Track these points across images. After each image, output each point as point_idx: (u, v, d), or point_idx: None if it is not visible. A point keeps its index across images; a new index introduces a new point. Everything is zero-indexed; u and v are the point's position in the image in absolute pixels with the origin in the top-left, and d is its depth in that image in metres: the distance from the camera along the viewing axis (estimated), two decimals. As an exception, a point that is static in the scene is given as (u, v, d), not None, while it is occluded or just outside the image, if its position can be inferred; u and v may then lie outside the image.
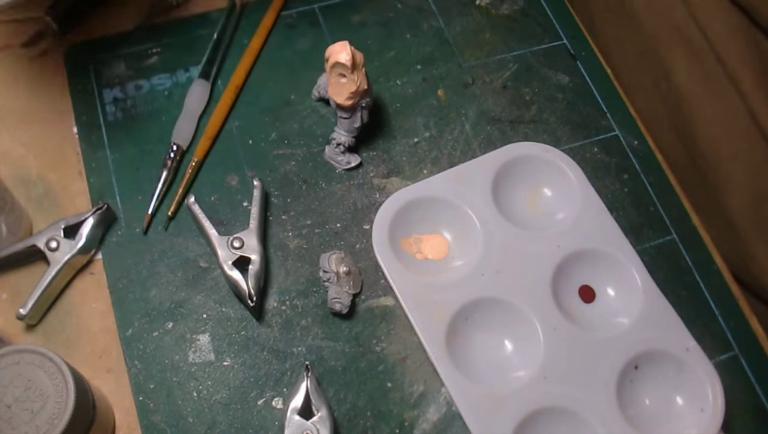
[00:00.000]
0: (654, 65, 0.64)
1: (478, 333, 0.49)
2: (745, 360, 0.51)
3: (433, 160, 0.56)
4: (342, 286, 0.49)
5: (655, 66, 0.63)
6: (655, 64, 0.63)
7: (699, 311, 0.52)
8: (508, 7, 0.65)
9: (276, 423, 0.46)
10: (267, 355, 0.48)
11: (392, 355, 0.49)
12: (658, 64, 0.63)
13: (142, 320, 0.48)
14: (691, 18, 0.60)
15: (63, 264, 0.48)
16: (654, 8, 0.63)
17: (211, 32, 0.59)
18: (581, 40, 0.64)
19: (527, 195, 0.55)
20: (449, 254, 0.52)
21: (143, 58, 0.58)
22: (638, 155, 0.58)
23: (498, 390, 0.47)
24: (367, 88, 0.51)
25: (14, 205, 0.49)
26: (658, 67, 0.63)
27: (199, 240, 0.51)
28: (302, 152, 0.55)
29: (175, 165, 0.53)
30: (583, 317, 0.50)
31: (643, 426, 0.47)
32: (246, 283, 0.47)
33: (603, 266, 0.51)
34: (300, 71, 0.59)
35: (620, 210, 0.55)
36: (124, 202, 0.52)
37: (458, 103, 0.59)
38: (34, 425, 0.37)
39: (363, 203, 0.54)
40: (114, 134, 0.54)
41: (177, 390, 0.47)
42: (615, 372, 0.48)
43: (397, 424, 0.47)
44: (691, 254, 0.55)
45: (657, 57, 0.63)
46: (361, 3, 0.63)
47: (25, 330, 0.48)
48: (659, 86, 0.64)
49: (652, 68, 0.64)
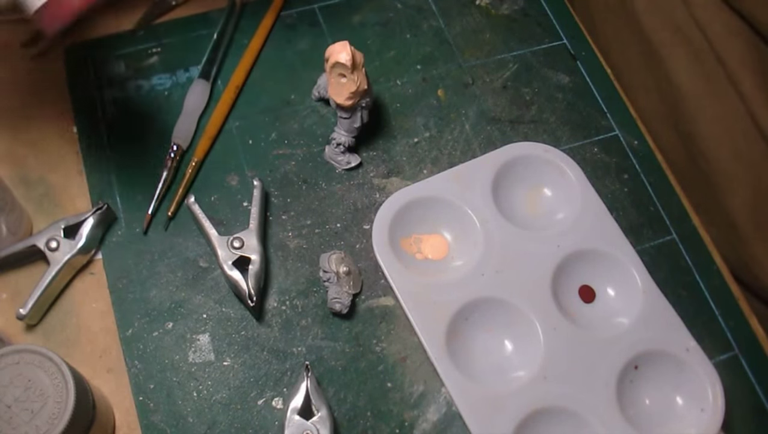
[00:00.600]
0: (654, 65, 0.64)
1: (478, 333, 0.49)
2: (745, 360, 0.51)
3: (433, 160, 0.56)
4: (342, 286, 0.49)
5: (656, 66, 0.64)
6: (656, 64, 0.63)
7: (699, 311, 0.52)
8: (508, 7, 0.65)
9: (276, 423, 0.46)
10: (267, 355, 0.48)
11: (392, 355, 0.49)
12: (658, 64, 0.63)
13: (142, 320, 0.48)
14: (691, 18, 0.60)
15: (63, 264, 0.48)
16: (654, 8, 0.63)
17: (211, 32, 0.59)
18: (581, 40, 0.64)
19: (527, 195, 0.55)
20: (449, 254, 0.52)
21: (143, 58, 0.58)
22: (638, 155, 0.58)
23: (498, 390, 0.47)
24: (367, 88, 0.51)
25: (14, 205, 0.49)
26: (659, 67, 0.63)
27: (199, 240, 0.51)
28: (302, 152, 0.55)
29: (175, 165, 0.53)
30: (583, 317, 0.50)
31: (643, 426, 0.47)
32: (246, 283, 0.47)
33: (603, 266, 0.51)
34: (300, 71, 0.59)
35: (620, 210, 0.55)
36: (124, 202, 0.52)
37: (458, 103, 0.59)
38: (34, 425, 0.37)
39: (363, 203, 0.54)
40: (114, 134, 0.54)
41: (177, 390, 0.47)
42: (615, 372, 0.48)
43: (397, 424, 0.47)
44: (691, 254, 0.55)
45: (657, 57, 0.63)
46: (361, 3, 0.63)
47: (25, 330, 0.48)
48: (660, 86, 0.64)
49: (652, 68, 0.64)
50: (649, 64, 0.64)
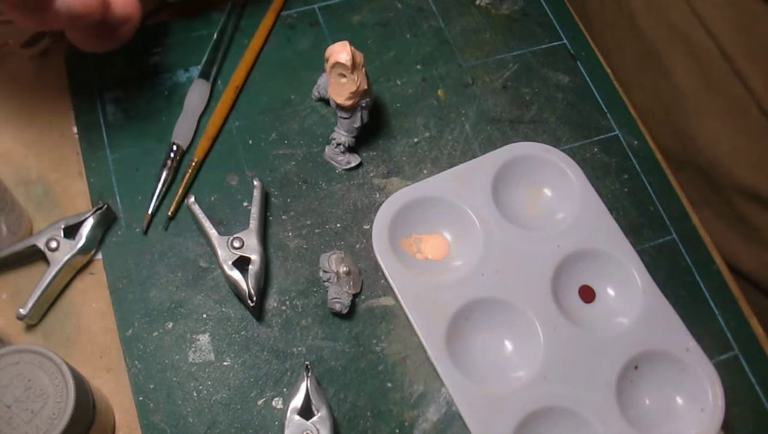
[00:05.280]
0: (652, 63, 0.64)
1: (478, 333, 0.49)
2: (745, 360, 0.51)
3: (433, 160, 0.56)
4: (342, 286, 0.49)
5: (653, 64, 0.64)
6: (653, 63, 0.64)
7: (699, 311, 0.52)
8: (508, 7, 0.65)
9: (276, 423, 0.46)
10: (267, 355, 0.48)
11: (392, 355, 0.49)
12: (656, 62, 0.63)
13: (142, 320, 0.48)
14: (692, 15, 0.60)
15: (63, 264, 0.48)
16: (651, 7, 0.64)
17: (211, 32, 0.59)
18: (581, 40, 0.64)
19: (527, 195, 0.55)
20: (449, 254, 0.52)
21: (143, 58, 0.58)
22: (638, 155, 0.58)
23: (498, 390, 0.47)
24: (367, 88, 0.51)
25: (14, 205, 0.49)
26: (656, 65, 0.63)
27: (199, 240, 0.51)
28: (302, 152, 0.55)
29: (175, 165, 0.53)
30: (583, 317, 0.50)
31: (643, 426, 0.47)
32: (246, 283, 0.47)
33: (603, 266, 0.51)
34: (300, 71, 0.59)
35: (620, 210, 0.55)
36: (124, 202, 0.52)
37: (458, 103, 0.59)
38: (34, 425, 0.37)
39: (363, 203, 0.54)
40: (114, 134, 0.54)
41: (177, 390, 0.47)
42: (615, 372, 0.48)
43: (397, 424, 0.47)
44: (691, 254, 0.55)
45: (655, 55, 0.63)
46: (361, 3, 0.63)
47: (25, 330, 0.48)
48: (657, 84, 0.64)
49: (649, 66, 0.64)
50: (647, 63, 0.64)
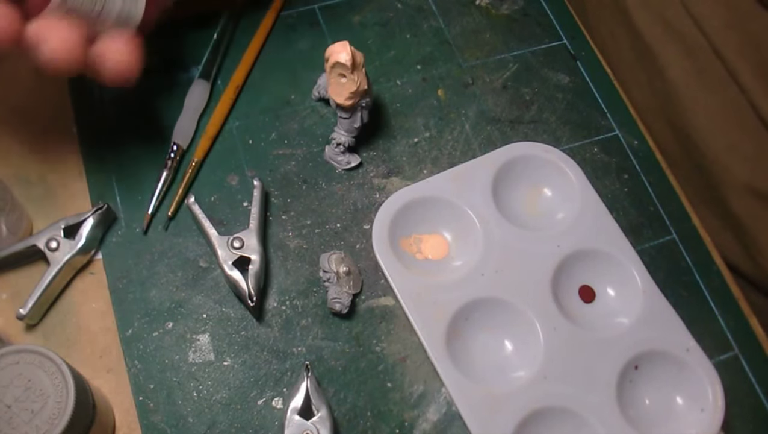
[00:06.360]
0: (647, 61, 0.64)
1: (478, 333, 0.49)
2: (745, 360, 0.51)
3: (433, 160, 0.56)
4: (342, 286, 0.49)
5: (649, 61, 0.64)
6: (649, 60, 0.64)
7: (699, 311, 0.52)
8: (508, 7, 0.65)
9: (276, 423, 0.46)
10: (267, 355, 0.48)
11: (392, 355, 0.49)
12: (651, 59, 0.63)
13: (142, 320, 0.48)
14: (686, 13, 0.60)
15: (63, 264, 0.48)
16: (646, 4, 0.64)
17: (211, 32, 0.59)
18: (581, 40, 0.64)
19: (527, 195, 0.55)
20: (449, 254, 0.52)
21: (143, 58, 0.58)
22: (638, 155, 0.58)
23: (498, 390, 0.47)
24: (367, 88, 0.51)
25: (14, 205, 0.49)
26: (652, 62, 0.63)
27: (199, 240, 0.51)
28: (302, 152, 0.55)
29: (175, 165, 0.53)
30: (583, 317, 0.50)
31: (643, 426, 0.47)
32: (246, 283, 0.47)
33: (603, 266, 0.51)
34: (300, 71, 0.59)
35: (620, 210, 0.55)
36: (124, 202, 0.52)
37: (458, 103, 0.59)
38: (34, 425, 0.37)
39: (363, 203, 0.54)
40: (114, 134, 0.54)
41: (177, 390, 0.47)
42: (615, 372, 0.48)
43: (397, 424, 0.47)
44: (691, 254, 0.55)
45: (650, 52, 0.63)
46: (361, 3, 0.63)
47: (25, 330, 0.48)
48: (653, 81, 0.64)
49: (645, 64, 0.64)
50: (642, 60, 0.64)
